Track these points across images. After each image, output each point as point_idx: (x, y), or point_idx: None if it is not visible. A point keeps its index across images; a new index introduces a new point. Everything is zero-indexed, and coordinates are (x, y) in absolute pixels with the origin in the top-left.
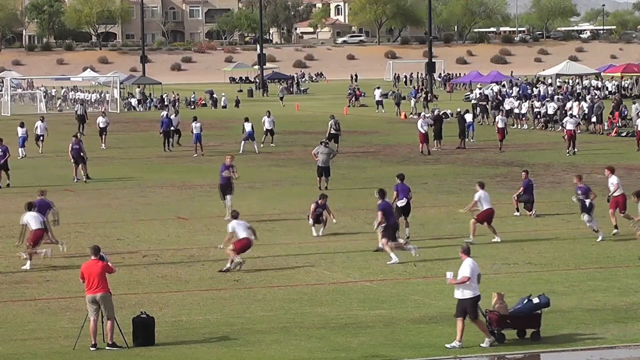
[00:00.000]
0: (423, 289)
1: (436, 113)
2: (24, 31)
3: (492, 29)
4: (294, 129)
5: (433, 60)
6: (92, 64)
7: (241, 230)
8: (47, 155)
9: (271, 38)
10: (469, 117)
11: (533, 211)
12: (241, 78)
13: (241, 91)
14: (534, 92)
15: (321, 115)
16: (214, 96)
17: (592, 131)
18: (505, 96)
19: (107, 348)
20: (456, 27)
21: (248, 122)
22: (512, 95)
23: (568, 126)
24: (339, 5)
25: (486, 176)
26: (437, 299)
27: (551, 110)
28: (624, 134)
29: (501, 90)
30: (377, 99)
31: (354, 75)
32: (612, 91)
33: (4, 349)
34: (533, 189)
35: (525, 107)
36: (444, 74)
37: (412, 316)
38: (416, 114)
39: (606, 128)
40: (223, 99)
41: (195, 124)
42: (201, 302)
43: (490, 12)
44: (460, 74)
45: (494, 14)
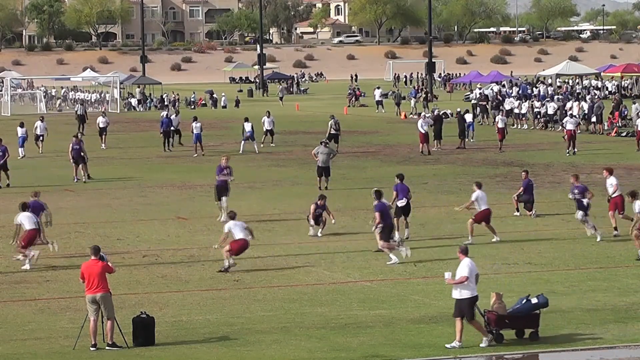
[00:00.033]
0: (423, 289)
1: (436, 113)
2: (24, 31)
3: (492, 29)
4: (294, 129)
5: (433, 60)
6: (92, 64)
7: (238, 231)
8: (47, 155)
9: (271, 38)
10: (469, 117)
11: (533, 211)
12: (241, 78)
13: (241, 91)
14: (534, 92)
15: (321, 115)
16: (214, 96)
17: (592, 131)
18: (506, 96)
19: (107, 348)
20: (456, 27)
21: (248, 122)
22: (512, 95)
23: (568, 126)
24: (339, 5)
25: (486, 176)
26: (437, 299)
27: (551, 110)
28: (624, 134)
29: (501, 90)
30: (377, 99)
31: (354, 75)
32: (612, 91)
33: (4, 349)
34: (533, 189)
35: (525, 107)
36: (444, 74)
37: (412, 316)
38: (416, 114)
39: (606, 128)
40: (223, 99)
41: (195, 124)
42: (201, 302)
43: (490, 12)
44: (460, 74)
45: (494, 14)
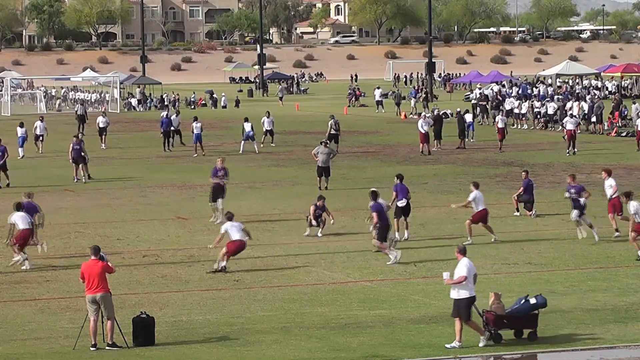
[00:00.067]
0: (423, 289)
1: (436, 113)
2: (24, 31)
3: (492, 29)
4: (294, 129)
5: (433, 60)
6: (92, 64)
7: (235, 232)
8: (47, 155)
9: (271, 38)
10: (469, 117)
11: (533, 211)
12: (241, 78)
13: (241, 91)
14: (533, 92)
15: (321, 115)
16: (214, 96)
17: (592, 131)
18: (506, 96)
19: (107, 348)
20: (456, 27)
21: (248, 123)
22: (512, 95)
23: (568, 126)
24: (339, 5)
25: (486, 176)
26: (437, 299)
27: (551, 110)
28: (624, 134)
29: (501, 90)
30: (377, 99)
31: (354, 75)
32: (612, 91)
33: (4, 349)
34: (533, 189)
35: (525, 107)
36: (444, 74)
37: (412, 316)
38: (416, 114)
39: (606, 128)
40: (223, 99)
41: (195, 124)
42: (201, 302)
43: (490, 12)
44: (460, 74)
45: (494, 14)
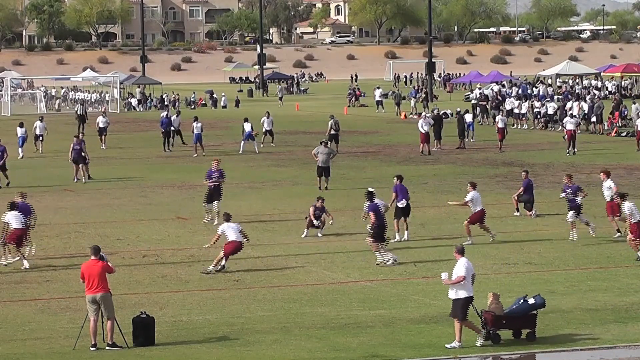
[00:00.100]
0: (423, 289)
1: (436, 113)
2: (24, 31)
3: (492, 29)
4: (294, 129)
5: (433, 60)
6: (92, 64)
7: (231, 233)
8: (47, 155)
9: (271, 38)
10: (469, 117)
11: (533, 211)
12: (241, 78)
13: (241, 91)
14: (533, 92)
15: (321, 115)
16: (214, 96)
17: (592, 131)
18: (506, 96)
19: (107, 348)
20: (456, 27)
21: (247, 123)
22: (512, 95)
23: (568, 126)
24: (339, 5)
25: (486, 176)
26: (437, 299)
27: (551, 110)
28: (624, 134)
29: (501, 90)
30: (377, 99)
31: (354, 75)
32: (612, 91)
33: (4, 349)
34: (533, 189)
35: (525, 107)
36: (444, 74)
37: (412, 316)
38: (416, 114)
39: (606, 128)
40: (223, 99)
41: (196, 124)
42: (201, 302)
43: (490, 12)
44: (460, 74)
45: (494, 14)
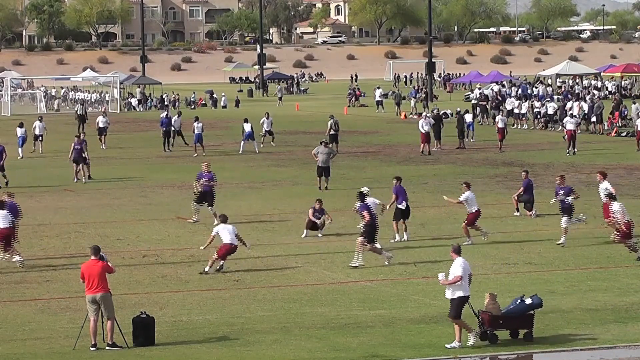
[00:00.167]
0: (423, 289)
1: (435, 113)
2: (24, 31)
3: (492, 29)
4: (294, 129)
5: (433, 60)
6: (92, 64)
7: (226, 235)
8: (47, 155)
9: (271, 38)
10: (469, 117)
11: (533, 211)
12: (241, 78)
13: (241, 91)
14: (533, 92)
15: (321, 115)
16: (214, 96)
17: (592, 131)
18: (506, 96)
19: (107, 348)
20: (456, 27)
21: (247, 123)
22: (512, 95)
23: (568, 126)
24: (339, 5)
25: (486, 176)
26: (437, 299)
27: (551, 110)
28: (624, 134)
29: (501, 90)
30: (377, 99)
31: (354, 75)
32: (612, 91)
33: (4, 349)
34: (533, 189)
35: (525, 107)
36: (444, 74)
37: (412, 316)
38: (416, 114)
39: (606, 128)
40: (223, 99)
41: (197, 124)
42: (201, 302)
43: (490, 12)
44: (460, 74)
45: (494, 14)
